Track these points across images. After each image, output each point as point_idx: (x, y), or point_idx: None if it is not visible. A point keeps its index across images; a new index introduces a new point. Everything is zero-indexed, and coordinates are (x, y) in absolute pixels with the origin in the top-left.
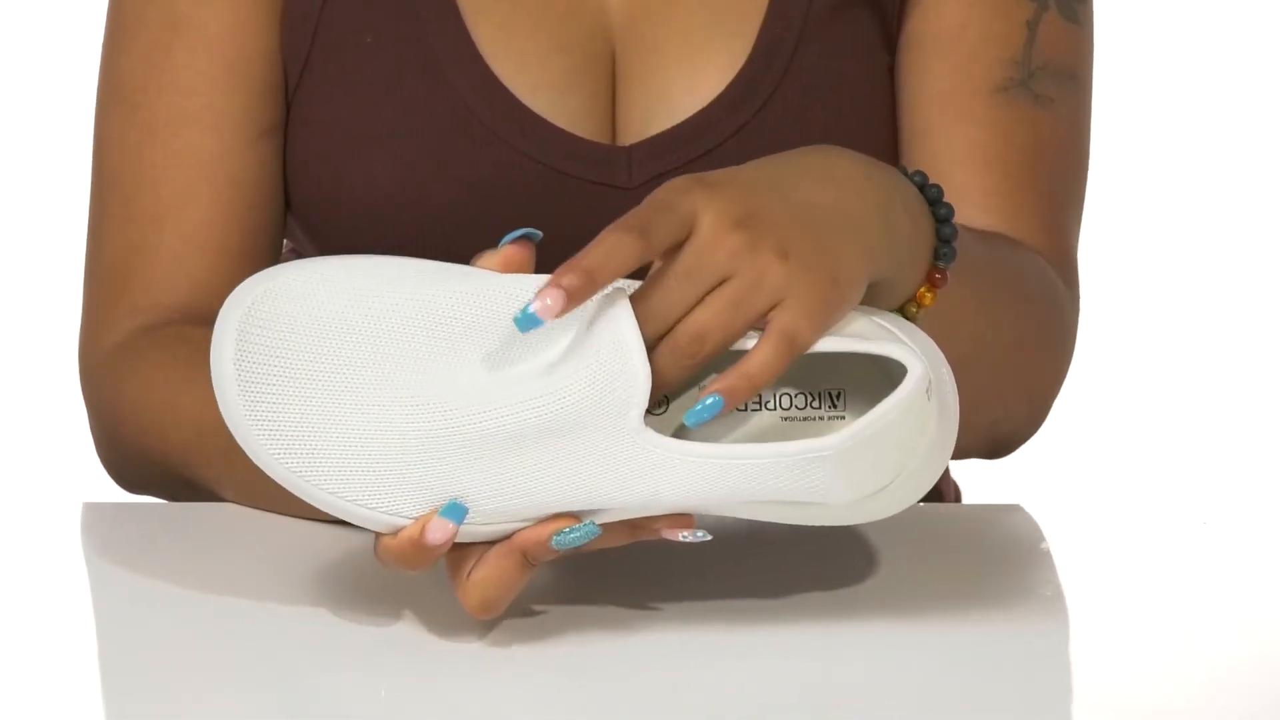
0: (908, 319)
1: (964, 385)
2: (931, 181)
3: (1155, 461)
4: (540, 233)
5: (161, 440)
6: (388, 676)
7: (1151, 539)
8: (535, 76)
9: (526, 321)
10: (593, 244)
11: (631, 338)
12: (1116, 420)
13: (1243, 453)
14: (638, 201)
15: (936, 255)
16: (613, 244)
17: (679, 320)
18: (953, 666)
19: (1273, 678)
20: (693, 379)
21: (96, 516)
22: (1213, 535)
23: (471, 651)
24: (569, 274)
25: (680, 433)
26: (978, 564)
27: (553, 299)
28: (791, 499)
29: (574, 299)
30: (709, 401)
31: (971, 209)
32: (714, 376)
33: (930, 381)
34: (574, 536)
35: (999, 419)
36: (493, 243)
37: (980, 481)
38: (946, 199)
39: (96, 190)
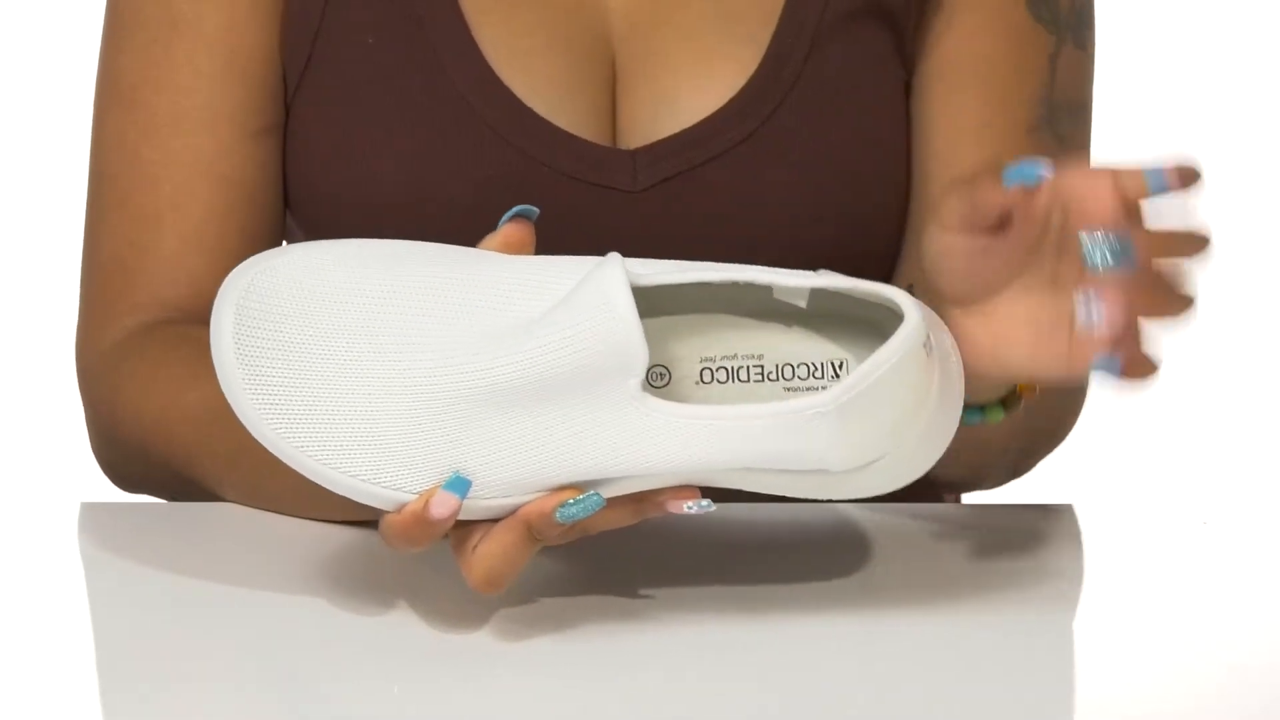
0: (1009, 408)
1: (998, 426)
2: None
3: (1155, 461)
4: (537, 210)
5: (163, 440)
6: (388, 676)
7: (1151, 539)
8: (537, 77)
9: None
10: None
11: (621, 298)
12: (1116, 420)
13: (1243, 453)
14: (641, 205)
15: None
16: None
17: None
18: (951, 667)
19: (1273, 678)
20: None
21: (94, 516)
22: (1213, 535)
23: (472, 651)
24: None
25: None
26: (977, 564)
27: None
28: (791, 464)
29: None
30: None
31: None
32: None
33: (929, 337)
34: (577, 509)
35: (1025, 449)
36: None
37: None
38: None
39: (94, 189)
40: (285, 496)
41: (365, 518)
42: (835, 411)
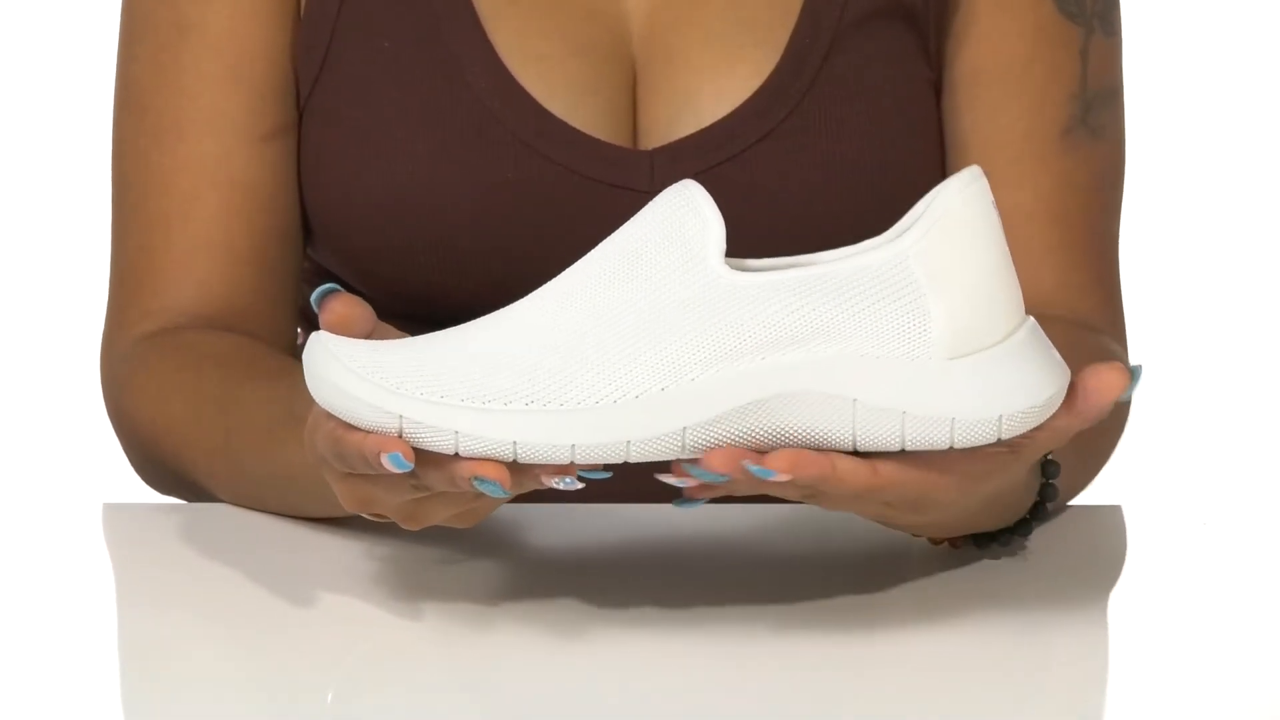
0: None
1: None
2: None
3: (1155, 461)
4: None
5: (156, 446)
6: (408, 678)
7: (1151, 539)
8: (554, 79)
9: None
10: None
11: (694, 187)
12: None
13: (1243, 453)
14: None
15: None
16: None
17: None
18: (949, 667)
19: (1273, 679)
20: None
21: (116, 517)
22: (1213, 535)
23: (500, 654)
24: None
25: None
26: (975, 565)
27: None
28: (890, 330)
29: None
30: None
31: (1031, 264)
32: None
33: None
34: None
35: (1089, 469)
36: (511, 246)
37: None
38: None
39: (114, 195)
40: (270, 497)
41: (339, 514)
42: (918, 255)
